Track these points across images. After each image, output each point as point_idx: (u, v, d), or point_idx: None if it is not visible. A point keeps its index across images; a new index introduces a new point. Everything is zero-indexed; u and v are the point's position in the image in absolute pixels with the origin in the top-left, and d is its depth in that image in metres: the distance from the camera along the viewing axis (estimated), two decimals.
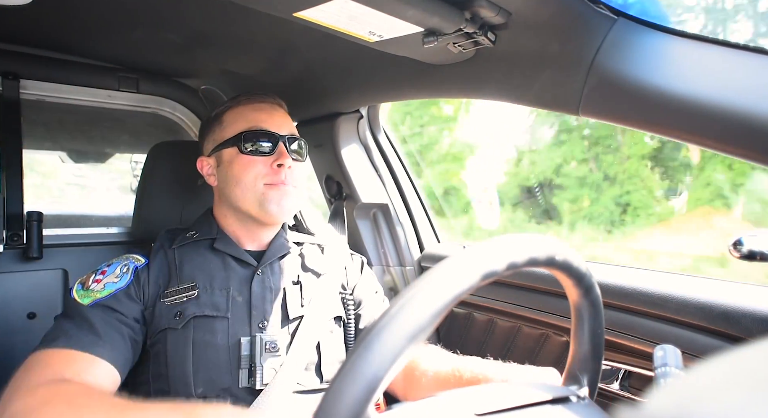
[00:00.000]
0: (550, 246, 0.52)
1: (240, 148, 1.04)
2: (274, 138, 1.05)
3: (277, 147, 1.05)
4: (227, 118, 1.09)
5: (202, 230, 1.08)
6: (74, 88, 1.37)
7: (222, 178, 1.07)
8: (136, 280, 0.99)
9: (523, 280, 1.20)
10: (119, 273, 1.00)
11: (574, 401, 0.54)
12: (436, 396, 0.50)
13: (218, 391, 0.93)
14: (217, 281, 1.01)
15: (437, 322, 0.41)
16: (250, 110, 1.09)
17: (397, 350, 0.38)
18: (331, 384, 0.38)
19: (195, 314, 0.96)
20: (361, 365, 0.37)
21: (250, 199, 1.03)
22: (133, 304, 0.97)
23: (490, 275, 0.45)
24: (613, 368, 1.03)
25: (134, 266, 1.01)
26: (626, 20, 0.77)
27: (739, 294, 0.85)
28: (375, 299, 1.18)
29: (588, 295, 0.57)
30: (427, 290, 0.41)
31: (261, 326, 0.99)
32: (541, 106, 0.91)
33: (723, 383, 0.22)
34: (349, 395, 0.37)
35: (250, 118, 1.07)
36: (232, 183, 1.04)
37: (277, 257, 1.09)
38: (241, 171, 1.03)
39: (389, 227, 1.49)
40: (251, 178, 1.03)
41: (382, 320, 0.39)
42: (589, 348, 0.60)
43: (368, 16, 0.79)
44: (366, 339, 0.38)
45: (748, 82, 0.66)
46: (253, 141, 1.04)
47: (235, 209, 1.07)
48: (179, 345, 0.94)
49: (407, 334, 0.38)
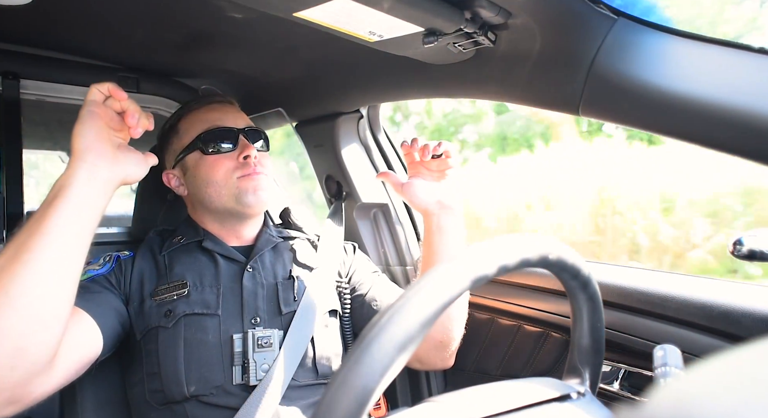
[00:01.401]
0: (542, 245, 0.51)
1: (202, 150, 1.04)
2: (233, 133, 1.05)
3: (239, 141, 1.05)
4: (182, 126, 1.09)
5: (188, 234, 1.08)
6: (74, 88, 1.37)
7: (191, 184, 1.07)
8: (117, 268, 1.00)
9: (523, 279, 1.20)
10: (102, 262, 1.00)
11: (575, 397, 0.54)
12: (435, 400, 0.49)
13: (211, 388, 0.92)
14: (207, 279, 1.01)
15: (427, 330, 0.40)
16: (203, 113, 1.09)
17: (387, 362, 0.37)
18: (322, 398, 0.38)
19: (185, 313, 0.96)
20: (351, 379, 0.37)
21: (225, 196, 1.03)
22: (112, 291, 0.96)
23: (480, 280, 0.45)
24: (613, 368, 1.03)
25: (117, 255, 1.02)
26: (626, 20, 0.77)
27: (739, 294, 0.85)
28: (378, 280, 1.17)
29: (585, 289, 0.57)
30: (415, 301, 0.40)
31: (253, 322, 0.98)
32: (541, 106, 0.91)
33: (723, 383, 0.22)
34: (340, 409, 0.36)
35: (204, 120, 1.07)
36: (203, 185, 1.04)
37: (267, 250, 1.09)
38: (209, 172, 1.03)
39: (389, 227, 1.49)
40: (221, 176, 1.02)
41: (371, 331, 0.39)
42: (589, 342, 0.60)
43: (368, 16, 0.79)
44: (356, 352, 0.38)
45: (748, 82, 0.66)
46: (214, 140, 1.04)
47: (212, 211, 1.07)
48: (169, 344, 0.94)
49: (397, 345, 0.38)
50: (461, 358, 1.13)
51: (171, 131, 1.11)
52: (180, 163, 1.08)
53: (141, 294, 0.99)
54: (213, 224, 1.09)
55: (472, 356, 1.31)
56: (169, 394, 0.92)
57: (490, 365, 1.28)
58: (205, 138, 1.04)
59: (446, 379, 1.42)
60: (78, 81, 1.37)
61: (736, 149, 0.68)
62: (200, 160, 1.04)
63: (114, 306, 0.94)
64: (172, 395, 0.92)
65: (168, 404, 0.93)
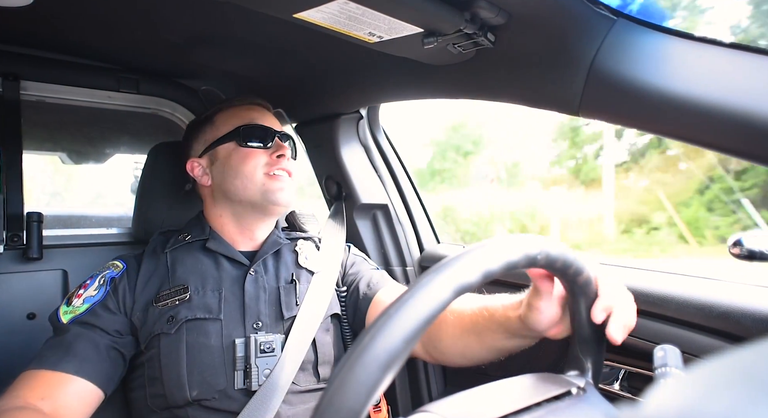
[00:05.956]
0: (525, 245, 0.49)
1: (238, 141, 1.06)
2: (270, 132, 1.08)
3: (274, 140, 1.08)
4: (219, 118, 1.11)
5: (194, 232, 1.08)
6: (74, 89, 1.37)
7: (218, 174, 1.08)
8: (113, 290, 0.98)
9: (524, 279, 1.20)
10: (97, 285, 0.99)
11: (575, 393, 0.54)
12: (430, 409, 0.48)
13: (214, 393, 0.92)
14: (209, 282, 1.00)
15: (414, 345, 0.39)
16: (243, 110, 1.12)
17: (372, 382, 0.37)
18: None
19: (187, 318, 0.95)
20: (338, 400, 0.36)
21: (251, 190, 1.04)
22: (113, 316, 0.96)
23: (463, 289, 0.43)
24: (613, 369, 1.03)
25: (110, 276, 1.00)
26: (626, 21, 0.77)
27: (739, 294, 0.85)
28: (376, 273, 1.16)
29: (578, 278, 0.56)
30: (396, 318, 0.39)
31: (255, 326, 0.98)
32: (541, 106, 0.91)
33: (723, 383, 0.22)
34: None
35: (244, 116, 1.10)
36: (231, 176, 1.05)
37: (270, 254, 1.09)
38: (240, 163, 1.04)
39: (389, 228, 1.49)
40: (251, 169, 1.04)
41: (355, 351, 0.38)
42: (589, 332, 0.59)
43: (368, 17, 0.79)
44: (340, 373, 0.37)
45: (748, 82, 0.66)
46: (252, 134, 1.07)
47: (234, 203, 1.07)
48: (172, 349, 0.94)
49: (381, 364, 0.37)
50: None
51: (206, 122, 1.13)
52: (210, 153, 1.10)
53: (144, 302, 0.98)
54: (228, 221, 1.09)
55: None
56: (171, 398, 0.92)
57: (490, 366, 1.28)
58: (244, 131, 1.07)
59: (446, 379, 1.42)
60: (78, 82, 1.37)
61: (736, 150, 0.68)
62: (234, 151, 1.06)
63: (106, 345, 0.93)
64: (174, 400, 0.92)
65: (169, 409, 0.93)
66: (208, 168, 1.10)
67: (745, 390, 0.21)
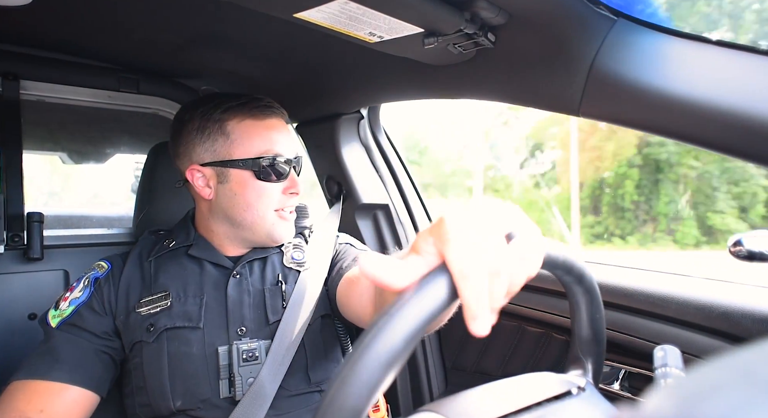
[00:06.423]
0: None
1: (256, 174, 0.97)
2: (289, 164, 1.01)
3: (290, 174, 1.01)
4: (236, 130, 0.98)
5: (180, 238, 1.05)
6: (74, 89, 1.37)
7: (225, 197, 0.99)
8: (97, 291, 0.97)
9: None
10: (82, 287, 0.98)
11: (575, 392, 0.54)
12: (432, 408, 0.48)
13: (198, 403, 0.90)
14: (191, 288, 0.97)
15: (415, 344, 0.40)
16: (263, 128, 0.99)
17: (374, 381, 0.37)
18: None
19: (166, 327, 0.93)
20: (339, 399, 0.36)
21: (259, 225, 1.00)
22: (98, 317, 0.95)
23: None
24: (613, 369, 1.03)
25: (94, 277, 0.99)
26: (626, 21, 0.77)
27: (739, 294, 0.85)
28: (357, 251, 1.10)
29: (581, 282, 0.56)
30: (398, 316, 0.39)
31: (239, 332, 0.95)
32: (541, 106, 0.91)
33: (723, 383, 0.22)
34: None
35: (265, 139, 0.98)
36: (242, 207, 0.99)
37: (256, 258, 1.05)
38: (255, 198, 0.98)
39: (390, 228, 1.49)
40: (264, 207, 0.99)
41: (356, 350, 0.38)
42: (590, 332, 0.59)
43: (368, 17, 0.79)
44: (342, 372, 0.38)
45: (748, 82, 0.66)
46: (272, 168, 0.98)
47: (234, 227, 1.02)
48: (154, 358, 0.92)
49: (383, 363, 0.37)
50: (462, 358, 1.13)
51: (215, 127, 0.98)
52: (219, 170, 0.99)
53: (126, 307, 0.96)
54: (223, 237, 1.04)
55: (473, 356, 1.31)
56: (156, 408, 0.91)
57: (491, 366, 1.28)
58: (265, 165, 0.97)
59: (447, 379, 1.42)
60: (78, 81, 1.37)
61: (736, 150, 0.68)
62: (249, 181, 0.97)
63: (95, 348, 0.93)
64: (159, 410, 0.91)
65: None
66: (212, 182, 1.00)
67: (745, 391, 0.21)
